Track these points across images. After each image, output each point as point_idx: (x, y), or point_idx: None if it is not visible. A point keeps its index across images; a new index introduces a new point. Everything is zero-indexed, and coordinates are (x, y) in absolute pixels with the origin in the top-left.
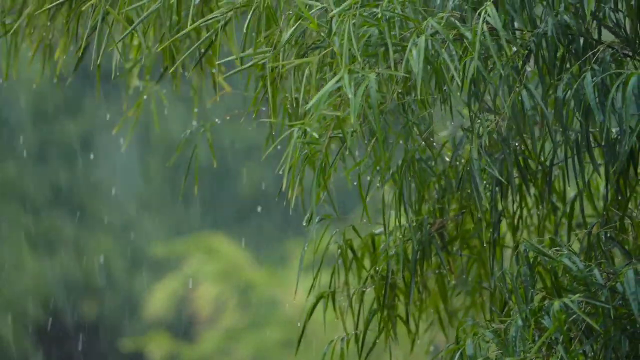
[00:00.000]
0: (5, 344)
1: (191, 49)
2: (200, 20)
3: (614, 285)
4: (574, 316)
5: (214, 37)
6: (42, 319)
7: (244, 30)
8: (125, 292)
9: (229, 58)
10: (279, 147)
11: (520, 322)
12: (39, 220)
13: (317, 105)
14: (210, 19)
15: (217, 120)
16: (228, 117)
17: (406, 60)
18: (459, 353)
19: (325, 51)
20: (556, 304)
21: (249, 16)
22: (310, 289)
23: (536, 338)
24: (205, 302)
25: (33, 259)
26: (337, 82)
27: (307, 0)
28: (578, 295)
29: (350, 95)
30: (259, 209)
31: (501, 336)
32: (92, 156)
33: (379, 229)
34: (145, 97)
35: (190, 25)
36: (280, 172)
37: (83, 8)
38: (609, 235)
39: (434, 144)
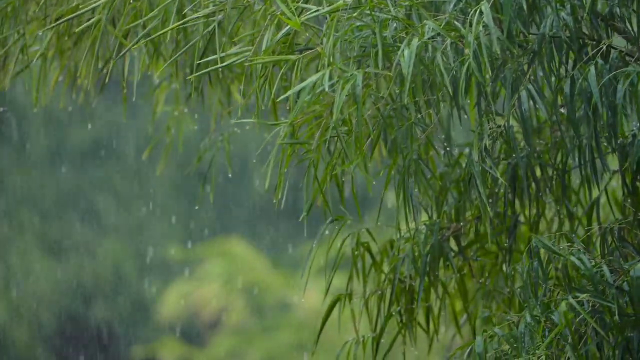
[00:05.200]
0: (17, 349)
1: (178, 54)
2: (180, 22)
3: (621, 284)
4: (583, 315)
5: (205, 40)
6: (53, 324)
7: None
8: (137, 296)
9: (210, 58)
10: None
11: (529, 318)
12: (49, 225)
13: (300, 97)
14: (194, 19)
15: (236, 129)
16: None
17: (397, 62)
18: (468, 350)
19: (310, 52)
20: (563, 304)
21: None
22: (326, 293)
23: (546, 333)
24: (216, 306)
25: (44, 263)
26: (320, 77)
27: (300, 4)
28: (586, 295)
29: (326, 89)
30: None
31: (512, 330)
32: (104, 160)
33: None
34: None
35: (172, 24)
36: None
37: (78, 29)
38: (621, 234)
39: (447, 148)
